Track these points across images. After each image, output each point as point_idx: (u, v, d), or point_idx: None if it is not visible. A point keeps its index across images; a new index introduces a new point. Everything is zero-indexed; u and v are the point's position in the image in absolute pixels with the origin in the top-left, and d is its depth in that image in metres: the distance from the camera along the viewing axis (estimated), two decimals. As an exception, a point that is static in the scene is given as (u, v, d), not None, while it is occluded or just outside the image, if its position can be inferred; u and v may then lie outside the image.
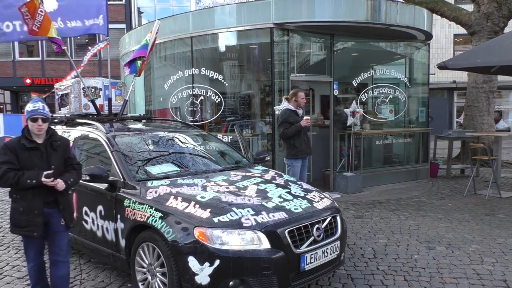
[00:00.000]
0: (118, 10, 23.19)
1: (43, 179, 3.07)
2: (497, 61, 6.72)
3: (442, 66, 7.02)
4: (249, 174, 4.25)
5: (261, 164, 5.02)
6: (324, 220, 3.55)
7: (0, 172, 3.05)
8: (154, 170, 4.08)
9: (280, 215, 3.34)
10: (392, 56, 9.82)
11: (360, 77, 8.75)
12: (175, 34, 8.53)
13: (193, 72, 8.34)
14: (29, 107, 3.18)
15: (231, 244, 3.07)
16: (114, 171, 3.93)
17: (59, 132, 4.05)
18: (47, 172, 3.10)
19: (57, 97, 6.02)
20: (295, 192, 3.85)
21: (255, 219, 3.21)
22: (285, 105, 6.08)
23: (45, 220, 3.21)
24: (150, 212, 3.39)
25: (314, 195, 3.91)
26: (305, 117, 5.95)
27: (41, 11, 4.63)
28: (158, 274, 3.35)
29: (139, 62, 5.67)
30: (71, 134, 4.75)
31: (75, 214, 3.59)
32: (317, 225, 3.44)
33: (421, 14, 8.45)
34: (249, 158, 5.35)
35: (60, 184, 3.17)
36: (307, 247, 3.31)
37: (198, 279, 3.04)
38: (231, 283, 3.05)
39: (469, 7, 12.12)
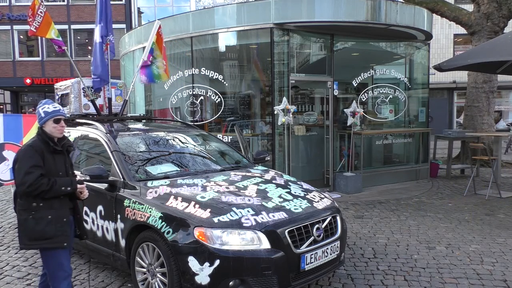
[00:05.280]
0: (118, 10, 23.20)
1: (78, 185, 2.99)
2: (486, 59, 6.86)
3: (437, 68, 7.27)
4: (249, 174, 4.25)
5: (261, 164, 5.02)
6: (324, 220, 3.55)
7: (32, 177, 2.78)
8: (154, 170, 4.08)
9: (280, 215, 3.34)
10: (392, 56, 9.82)
11: (360, 77, 8.75)
12: (175, 34, 8.53)
13: (193, 72, 8.34)
14: (47, 108, 2.99)
15: (231, 244, 3.07)
16: (114, 171, 3.93)
17: None
18: (78, 178, 3.05)
19: (57, 97, 6.02)
20: (295, 192, 3.84)
21: (255, 219, 3.21)
22: None
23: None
24: (150, 212, 3.39)
25: (314, 195, 3.91)
26: None
27: (41, 11, 4.63)
28: (158, 274, 3.35)
29: (155, 68, 5.70)
30: (71, 134, 4.75)
31: None
32: (317, 225, 3.44)
33: (421, 14, 8.45)
34: (249, 158, 5.35)
35: (86, 192, 3.10)
36: (307, 247, 3.31)
37: (198, 279, 3.04)
38: (231, 283, 3.05)
39: (469, 7, 12.12)
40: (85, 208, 4.13)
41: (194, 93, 8.40)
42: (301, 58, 8.48)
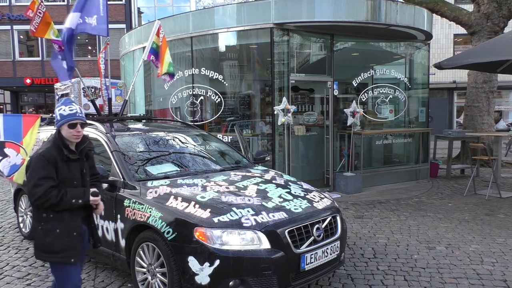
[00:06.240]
0: (118, 10, 23.20)
1: (91, 198, 2.76)
2: (487, 58, 6.88)
3: (437, 66, 7.35)
4: (249, 174, 4.25)
5: (261, 164, 5.02)
6: (324, 220, 3.55)
7: (40, 190, 2.59)
8: (154, 170, 4.08)
9: (280, 215, 3.34)
10: (392, 56, 9.82)
11: (360, 77, 8.75)
12: (175, 34, 8.53)
13: (193, 72, 8.34)
14: (63, 110, 2.73)
15: (231, 244, 3.07)
16: (114, 171, 3.93)
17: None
18: (93, 190, 2.79)
19: (57, 97, 6.02)
20: (295, 192, 3.84)
21: (255, 219, 3.21)
22: None
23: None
24: (150, 212, 3.39)
25: (314, 195, 3.91)
26: None
27: (39, 12, 4.63)
28: (158, 274, 3.35)
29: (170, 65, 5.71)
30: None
31: None
32: (317, 225, 3.44)
33: (421, 14, 8.45)
34: (249, 158, 5.35)
35: (101, 206, 2.88)
36: (307, 247, 3.31)
37: (198, 279, 3.04)
38: (231, 283, 3.05)
39: (469, 7, 12.12)
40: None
41: (194, 93, 8.40)
42: (301, 58, 8.49)
